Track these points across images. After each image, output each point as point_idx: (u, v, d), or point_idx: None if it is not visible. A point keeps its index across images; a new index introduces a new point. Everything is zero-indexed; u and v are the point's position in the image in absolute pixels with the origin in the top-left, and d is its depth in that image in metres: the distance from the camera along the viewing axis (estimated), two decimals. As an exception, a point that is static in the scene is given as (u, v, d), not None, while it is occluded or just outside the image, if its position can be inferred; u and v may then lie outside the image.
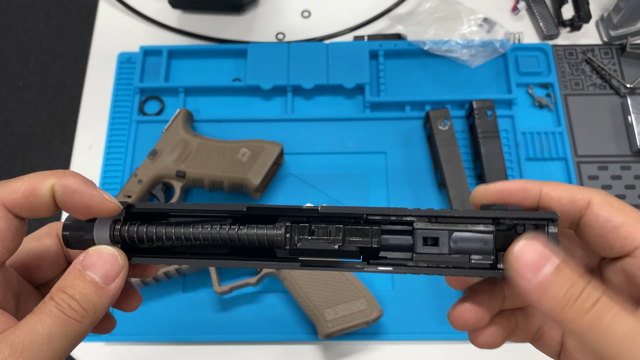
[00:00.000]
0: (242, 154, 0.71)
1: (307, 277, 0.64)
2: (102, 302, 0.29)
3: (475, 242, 0.30)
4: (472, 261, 0.30)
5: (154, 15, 0.88)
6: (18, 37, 1.80)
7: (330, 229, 0.30)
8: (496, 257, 0.30)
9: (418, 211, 0.30)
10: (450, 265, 0.30)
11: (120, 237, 0.31)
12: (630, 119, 0.76)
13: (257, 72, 0.81)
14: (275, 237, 0.30)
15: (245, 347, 0.67)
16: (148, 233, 0.31)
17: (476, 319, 0.32)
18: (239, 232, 0.30)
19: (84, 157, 0.79)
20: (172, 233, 0.31)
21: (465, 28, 0.80)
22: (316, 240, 0.30)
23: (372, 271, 0.30)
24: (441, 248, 0.30)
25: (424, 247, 0.30)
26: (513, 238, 0.29)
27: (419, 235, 0.30)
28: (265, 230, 0.30)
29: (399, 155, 0.77)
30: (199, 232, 0.31)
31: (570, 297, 0.26)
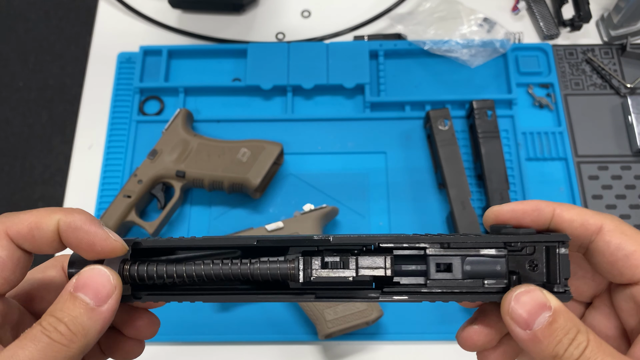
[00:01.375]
0: (242, 154, 0.71)
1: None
2: (93, 324, 0.28)
3: (488, 265, 0.30)
4: (485, 285, 0.30)
5: (154, 15, 0.88)
6: (18, 37, 1.80)
7: (343, 260, 0.30)
8: (509, 281, 0.30)
9: (431, 238, 0.30)
10: (464, 290, 0.30)
11: (129, 277, 0.30)
12: (630, 119, 0.76)
13: (257, 72, 0.80)
14: (289, 270, 0.30)
15: (245, 347, 0.67)
16: (158, 272, 0.30)
17: (485, 341, 0.32)
18: (251, 267, 0.30)
19: (84, 157, 0.79)
20: (183, 271, 0.30)
21: (466, 28, 0.80)
22: (329, 272, 0.30)
23: (387, 301, 0.30)
24: (455, 274, 0.30)
25: (438, 274, 0.30)
26: (524, 260, 0.29)
27: (432, 261, 0.30)
28: (278, 264, 0.30)
29: (399, 155, 0.77)
30: (210, 268, 0.30)
31: (560, 349, 0.27)
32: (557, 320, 0.27)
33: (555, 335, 0.27)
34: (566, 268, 0.29)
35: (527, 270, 0.30)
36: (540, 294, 0.28)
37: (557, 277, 0.29)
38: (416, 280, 0.31)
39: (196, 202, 0.75)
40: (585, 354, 0.26)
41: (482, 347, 0.33)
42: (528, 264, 0.30)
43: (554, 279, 0.29)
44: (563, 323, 0.27)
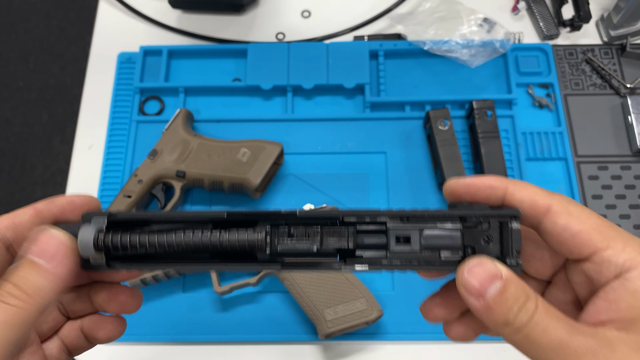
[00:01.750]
0: (242, 154, 0.71)
1: (307, 277, 0.64)
2: (49, 284, 0.28)
3: (444, 239, 0.32)
4: (442, 257, 0.32)
5: (154, 15, 0.88)
6: (18, 37, 1.80)
7: (308, 231, 0.32)
8: (464, 253, 0.32)
9: (390, 212, 0.32)
10: (421, 261, 0.32)
11: (104, 246, 0.31)
12: (630, 119, 0.76)
13: (257, 72, 0.81)
14: (256, 240, 0.31)
15: (245, 347, 0.67)
16: (131, 241, 0.32)
17: (445, 314, 0.35)
18: (220, 237, 0.32)
19: (84, 157, 0.79)
20: (155, 240, 0.32)
21: (465, 28, 0.80)
22: (295, 242, 0.32)
23: (349, 270, 0.32)
24: (413, 246, 0.32)
25: (397, 245, 0.32)
26: (479, 235, 0.31)
27: (391, 234, 0.32)
28: (246, 234, 0.32)
29: (399, 155, 0.77)
30: (181, 238, 0.32)
31: (510, 315, 0.28)
32: (508, 288, 0.28)
33: (506, 302, 0.28)
34: (518, 241, 0.31)
35: (482, 245, 0.32)
36: (491, 264, 0.29)
37: (510, 250, 0.31)
38: (378, 253, 0.32)
39: (196, 202, 0.75)
40: (534, 318, 0.27)
41: (443, 319, 0.35)
42: (483, 239, 0.32)
43: (506, 252, 0.31)
44: (513, 291, 0.28)
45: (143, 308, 0.71)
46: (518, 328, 0.28)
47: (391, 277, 0.70)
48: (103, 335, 0.36)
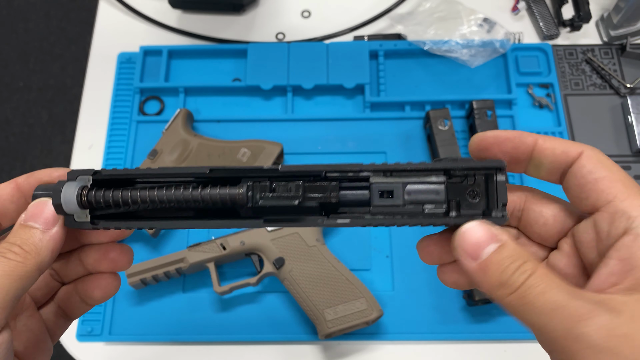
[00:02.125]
0: (242, 154, 0.71)
1: (307, 277, 0.64)
2: (45, 244, 0.31)
3: (428, 193, 0.31)
4: (425, 211, 0.31)
5: (154, 15, 0.88)
6: (18, 37, 1.80)
7: (290, 185, 0.31)
8: (448, 206, 0.31)
9: (373, 166, 0.31)
10: (405, 215, 0.31)
11: (87, 202, 0.32)
12: (630, 119, 0.76)
13: (257, 72, 0.81)
14: (237, 195, 0.31)
15: (245, 347, 0.67)
16: (114, 197, 0.32)
17: (440, 253, 0.34)
18: (202, 192, 0.32)
19: (84, 157, 0.79)
20: (137, 196, 0.32)
21: (465, 28, 0.80)
22: (277, 197, 0.31)
23: (331, 224, 0.31)
24: (396, 200, 0.31)
25: (380, 200, 0.32)
26: (465, 189, 0.31)
27: (374, 188, 0.32)
28: (227, 189, 0.31)
29: (399, 155, 0.77)
30: (163, 194, 0.32)
31: (505, 275, 0.27)
32: (505, 250, 0.28)
33: (502, 263, 0.28)
34: (503, 194, 0.30)
35: (468, 199, 0.31)
36: (488, 227, 0.29)
37: (495, 202, 0.30)
38: (361, 209, 0.32)
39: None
40: (530, 280, 0.27)
41: (438, 259, 0.34)
42: (469, 193, 0.31)
43: (492, 205, 0.31)
44: (510, 252, 0.28)
45: (143, 308, 0.71)
46: (513, 289, 0.27)
47: (391, 277, 0.70)
48: (99, 294, 0.37)
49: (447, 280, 0.35)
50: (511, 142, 0.32)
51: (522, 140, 0.32)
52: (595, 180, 0.29)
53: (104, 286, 0.37)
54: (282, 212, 0.32)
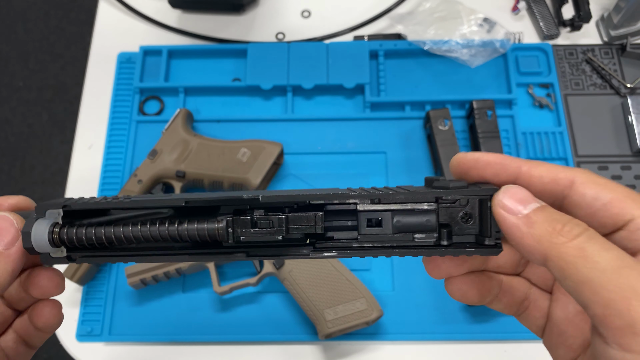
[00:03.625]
0: (242, 154, 0.71)
1: (307, 277, 0.64)
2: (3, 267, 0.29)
3: (418, 220, 0.30)
4: (415, 239, 0.30)
5: (154, 15, 0.88)
6: (18, 37, 1.80)
7: (272, 219, 0.29)
8: (439, 234, 0.30)
9: (361, 194, 0.30)
10: (394, 244, 0.30)
11: (60, 241, 0.30)
12: (630, 119, 0.76)
13: (257, 72, 0.80)
14: (217, 230, 0.30)
15: (245, 347, 0.67)
16: (87, 234, 0.30)
17: (449, 267, 0.32)
18: (179, 228, 0.30)
19: (84, 157, 0.79)
20: (112, 233, 0.30)
21: (466, 28, 0.80)
22: (259, 233, 0.30)
23: (318, 257, 0.30)
24: (384, 228, 0.30)
25: (368, 229, 0.30)
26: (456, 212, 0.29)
27: (362, 217, 0.30)
28: (206, 224, 0.30)
29: (399, 155, 0.77)
30: (138, 230, 0.30)
31: (555, 228, 0.26)
32: (548, 208, 0.27)
33: (551, 215, 0.26)
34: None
35: (460, 222, 0.30)
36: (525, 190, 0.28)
37: (489, 230, 0.29)
38: (348, 235, 0.30)
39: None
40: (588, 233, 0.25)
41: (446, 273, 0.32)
42: (461, 217, 0.30)
43: (485, 231, 0.29)
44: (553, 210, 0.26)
45: (143, 308, 0.71)
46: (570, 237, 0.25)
47: (391, 277, 0.70)
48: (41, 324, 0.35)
49: (455, 292, 0.33)
50: (492, 168, 0.30)
51: (503, 167, 0.30)
52: (604, 205, 0.28)
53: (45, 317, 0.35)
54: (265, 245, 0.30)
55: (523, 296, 0.34)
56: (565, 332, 0.32)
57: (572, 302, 0.32)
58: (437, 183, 0.30)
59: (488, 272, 0.33)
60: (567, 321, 0.32)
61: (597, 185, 0.28)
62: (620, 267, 0.24)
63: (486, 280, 0.33)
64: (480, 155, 0.31)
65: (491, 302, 0.34)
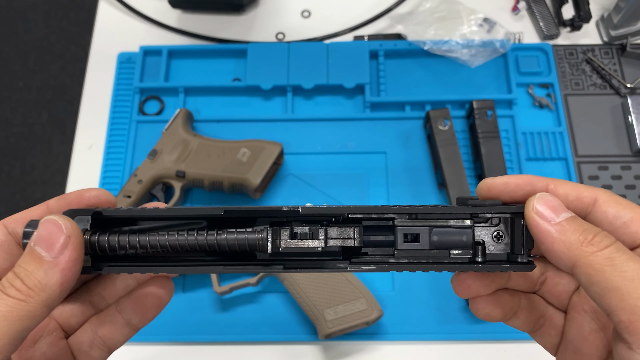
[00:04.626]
0: (242, 154, 0.71)
1: (307, 277, 0.64)
2: (51, 277, 0.27)
3: (455, 236, 0.30)
4: (451, 255, 0.30)
5: (154, 15, 0.88)
6: (18, 37, 1.80)
7: (312, 230, 0.30)
8: (475, 251, 0.31)
9: (399, 209, 0.30)
10: (430, 260, 0.30)
11: (90, 248, 0.29)
12: (630, 119, 0.76)
13: (257, 72, 0.80)
14: (257, 241, 0.29)
15: (245, 348, 0.67)
16: (120, 242, 0.29)
17: (478, 287, 0.33)
18: (218, 237, 0.29)
19: (84, 157, 0.79)
20: (147, 241, 0.29)
21: (466, 28, 0.80)
22: (298, 242, 0.30)
23: (355, 271, 0.30)
24: (422, 244, 0.30)
25: (405, 244, 0.31)
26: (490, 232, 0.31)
27: (399, 232, 0.30)
28: (246, 234, 0.29)
29: (399, 155, 0.77)
30: (175, 239, 0.29)
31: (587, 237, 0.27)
32: (579, 219, 0.28)
33: (583, 225, 0.28)
34: (529, 238, 0.30)
35: (492, 241, 0.31)
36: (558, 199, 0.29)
37: (521, 247, 0.30)
38: (384, 250, 0.31)
39: (196, 202, 0.75)
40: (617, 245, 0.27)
41: (475, 292, 0.33)
42: (493, 235, 0.31)
43: (518, 249, 0.30)
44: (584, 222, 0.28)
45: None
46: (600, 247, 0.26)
47: (391, 277, 0.70)
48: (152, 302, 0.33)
49: (480, 311, 0.34)
50: (522, 190, 0.32)
51: (533, 188, 0.31)
52: (624, 224, 0.29)
53: (157, 294, 0.33)
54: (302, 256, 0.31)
55: (539, 314, 0.35)
56: (580, 349, 0.33)
57: (588, 321, 0.33)
58: (472, 202, 0.31)
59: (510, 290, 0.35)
60: (582, 339, 0.33)
61: (618, 205, 0.30)
62: None
63: (509, 299, 0.34)
64: (508, 178, 0.32)
65: (510, 319, 0.35)
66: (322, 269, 0.31)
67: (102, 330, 0.33)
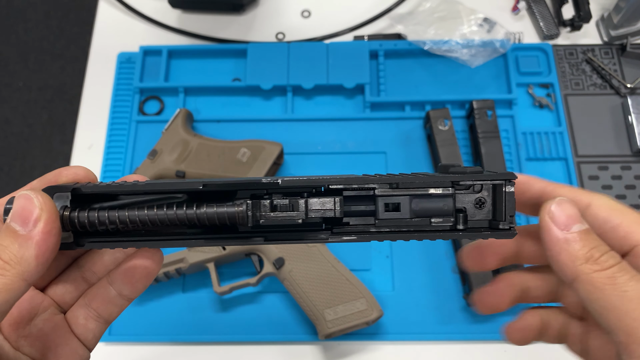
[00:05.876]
0: (242, 154, 0.71)
1: (307, 277, 0.64)
2: (26, 250, 0.27)
3: (435, 204, 0.30)
4: (432, 223, 0.30)
5: (154, 15, 0.88)
6: (18, 37, 1.80)
7: (292, 202, 0.30)
8: (456, 219, 0.30)
9: (379, 179, 0.30)
10: (412, 228, 0.30)
11: (70, 224, 0.29)
12: (630, 119, 0.76)
13: (257, 72, 0.80)
14: (237, 214, 0.29)
15: (245, 348, 0.67)
16: (100, 218, 0.29)
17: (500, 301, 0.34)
18: (198, 211, 0.29)
19: (83, 157, 0.79)
20: (126, 217, 0.29)
21: (466, 28, 0.80)
22: (279, 215, 0.30)
23: (336, 241, 0.30)
24: (403, 213, 0.30)
25: (386, 213, 0.30)
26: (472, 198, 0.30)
27: (380, 201, 0.30)
28: (225, 208, 0.29)
29: (399, 155, 0.77)
30: (154, 214, 0.29)
31: (593, 253, 0.27)
32: (592, 233, 0.28)
33: (591, 241, 0.28)
34: (512, 205, 0.29)
35: (474, 208, 0.30)
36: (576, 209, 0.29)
37: (503, 214, 0.29)
38: (365, 220, 0.31)
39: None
40: (621, 265, 0.27)
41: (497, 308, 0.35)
42: (475, 202, 0.30)
43: (500, 216, 0.30)
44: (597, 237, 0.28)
45: (143, 308, 0.71)
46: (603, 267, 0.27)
47: (391, 277, 0.70)
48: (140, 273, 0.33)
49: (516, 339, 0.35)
50: (519, 187, 0.32)
51: (529, 187, 0.32)
52: (612, 228, 0.29)
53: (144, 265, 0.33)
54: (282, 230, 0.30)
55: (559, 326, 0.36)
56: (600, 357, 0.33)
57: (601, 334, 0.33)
58: (454, 169, 0.31)
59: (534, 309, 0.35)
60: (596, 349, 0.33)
61: (609, 209, 0.30)
62: None
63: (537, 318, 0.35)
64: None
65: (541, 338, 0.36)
66: (303, 240, 0.31)
67: (95, 303, 0.34)
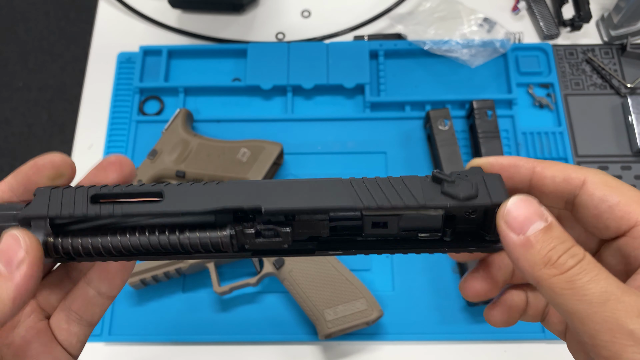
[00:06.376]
0: (242, 154, 0.71)
1: (307, 277, 0.64)
2: (3, 292, 0.26)
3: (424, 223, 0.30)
4: (419, 237, 0.30)
5: (154, 15, 0.88)
6: (18, 37, 1.80)
7: (278, 230, 0.29)
8: (443, 232, 0.30)
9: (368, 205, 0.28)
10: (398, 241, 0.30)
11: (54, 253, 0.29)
12: (630, 119, 0.76)
13: (257, 72, 0.80)
14: (220, 239, 0.29)
15: (245, 348, 0.67)
16: (84, 245, 0.29)
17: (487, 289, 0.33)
18: (181, 237, 0.29)
19: (84, 157, 0.79)
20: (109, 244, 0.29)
21: (466, 28, 0.80)
22: (264, 242, 0.29)
23: (323, 254, 0.30)
24: (390, 229, 0.30)
25: (373, 229, 0.30)
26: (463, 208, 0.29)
27: (367, 220, 0.30)
28: (208, 233, 0.29)
29: (399, 155, 0.77)
30: (137, 239, 0.29)
31: (551, 256, 0.25)
32: (552, 230, 0.26)
33: (550, 241, 0.26)
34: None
35: (464, 215, 0.30)
36: (537, 204, 0.27)
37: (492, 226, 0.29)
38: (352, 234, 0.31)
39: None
40: (581, 265, 0.25)
41: (484, 296, 0.33)
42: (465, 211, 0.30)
43: (487, 228, 0.29)
44: (558, 233, 0.26)
45: (143, 308, 0.71)
46: (561, 271, 0.25)
47: (391, 277, 0.70)
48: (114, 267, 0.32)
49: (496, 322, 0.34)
50: (506, 172, 0.30)
51: (517, 169, 0.30)
52: (609, 207, 0.27)
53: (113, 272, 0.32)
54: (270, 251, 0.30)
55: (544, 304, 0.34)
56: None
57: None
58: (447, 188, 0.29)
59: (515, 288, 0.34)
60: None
61: (606, 187, 0.28)
62: (606, 300, 0.24)
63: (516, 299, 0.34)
64: (494, 159, 0.31)
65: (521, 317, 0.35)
66: (290, 255, 0.31)
67: (75, 305, 0.33)
